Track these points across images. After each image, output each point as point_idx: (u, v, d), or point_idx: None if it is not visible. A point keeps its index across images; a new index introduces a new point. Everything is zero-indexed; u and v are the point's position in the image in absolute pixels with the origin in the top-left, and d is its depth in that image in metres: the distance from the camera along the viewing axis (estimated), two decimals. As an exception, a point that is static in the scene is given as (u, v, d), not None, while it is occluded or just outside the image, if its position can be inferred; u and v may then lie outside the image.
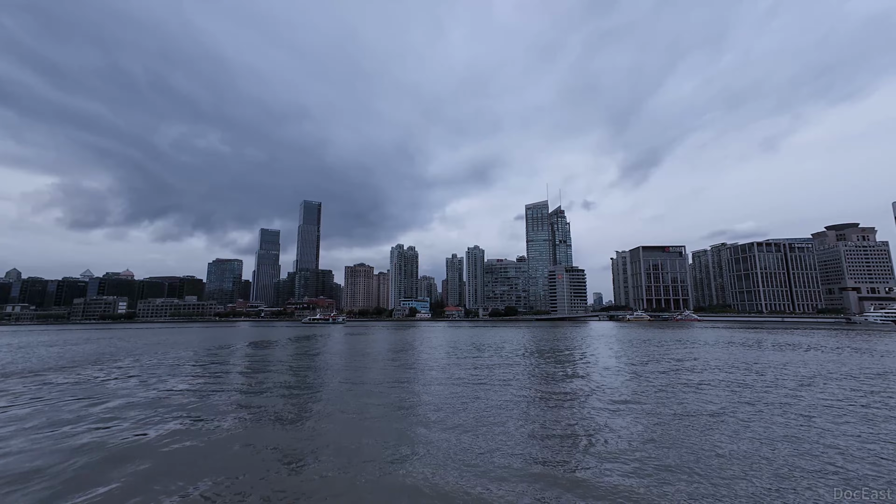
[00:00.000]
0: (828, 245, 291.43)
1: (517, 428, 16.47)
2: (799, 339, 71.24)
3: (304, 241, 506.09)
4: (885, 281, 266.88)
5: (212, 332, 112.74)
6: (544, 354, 47.34)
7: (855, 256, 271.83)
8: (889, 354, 46.74)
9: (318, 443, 14.97)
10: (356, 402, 21.31)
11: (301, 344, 65.41)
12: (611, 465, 12.49)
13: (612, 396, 22.76)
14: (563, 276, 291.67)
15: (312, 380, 28.98)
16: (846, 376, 30.25)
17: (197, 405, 21.22)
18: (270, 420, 18.34)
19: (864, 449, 13.98)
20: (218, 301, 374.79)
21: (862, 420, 17.71)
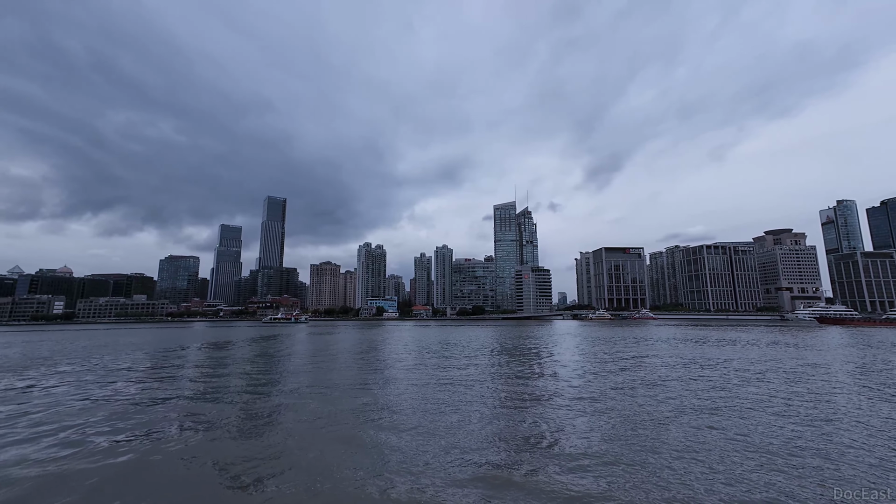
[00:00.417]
0: (766, 248, 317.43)
1: (481, 428, 16.28)
2: (740, 336, 77.14)
3: (268, 238, 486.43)
4: (812, 282, 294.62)
5: (163, 332, 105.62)
6: (510, 353, 48.23)
7: (788, 259, 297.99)
8: (810, 348, 51.89)
9: (272, 456, 13.64)
10: (317, 408, 20.18)
11: (261, 345, 62.72)
12: (570, 466, 12.60)
13: (573, 395, 23.45)
14: (529, 276, 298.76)
15: (271, 384, 27.43)
16: (778, 370, 33.09)
17: (135, 416, 19.26)
18: (220, 431, 16.81)
19: (796, 433, 15.36)
20: (171, 300, 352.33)
21: (785, 408, 19.44)
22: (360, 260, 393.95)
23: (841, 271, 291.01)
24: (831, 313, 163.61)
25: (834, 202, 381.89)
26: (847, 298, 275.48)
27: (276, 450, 14.33)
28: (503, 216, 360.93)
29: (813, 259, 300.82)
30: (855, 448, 14.35)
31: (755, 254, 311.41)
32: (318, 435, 15.93)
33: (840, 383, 27.53)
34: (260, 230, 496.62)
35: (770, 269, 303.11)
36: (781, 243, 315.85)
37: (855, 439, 15.29)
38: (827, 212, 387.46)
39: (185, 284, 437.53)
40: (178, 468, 13.02)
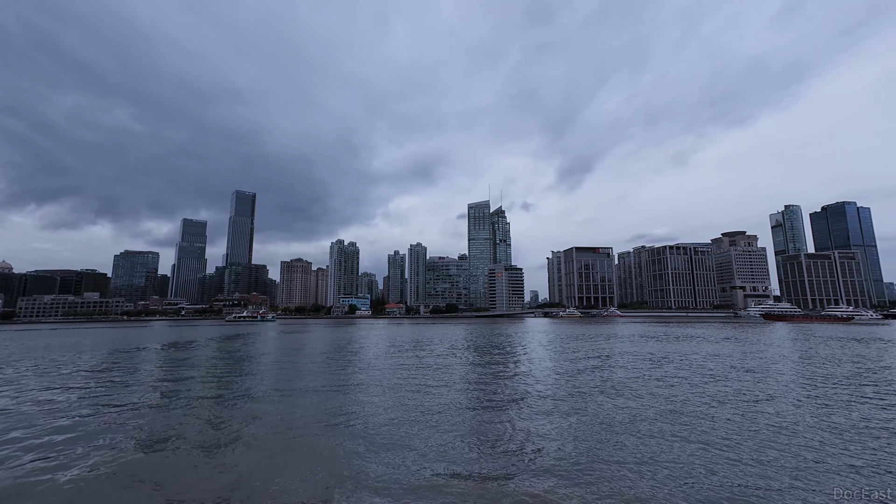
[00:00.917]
0: (723, 249, 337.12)
1: (455, 438, 15.21)
2: (697, 332, 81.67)
3: (236, 234, 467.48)
4: (763, 281, 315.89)
5: (117, 332, 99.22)
6: (483, 351, 48.78)
7: (742, 260, 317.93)
8: (757, 343, 55.77)
9: (227, 480, 11.71)
10: (282, 416, 18.67)
11: (225, 345, 60.22)
12: (540, 470, 12.29)
13: (542, 394, 23.74)
14: (502, 275, 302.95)
15: (232, 388, 25.84)
16: (726, 363, 35.32)
17: (72, 429, 16.93)
18: (169, 445, 14.82)
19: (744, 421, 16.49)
20: (127, 298, 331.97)
21: (738, 398, 20.85)
22: (332, 257, 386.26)
23: (787, 271, 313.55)
24: (776, 310, 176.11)
25: (782, 207, 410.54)
26: (792, 296, 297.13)
27: (233, 470, 12.41)
28: (477, 215, 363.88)
29: (763, 260, 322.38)
30: (795, 430, 15.59)
31: (713, 254, 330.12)
32: (283, 447, 14.47)
33: (778, 372, 29.73)
34: (227, 225, 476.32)
35: (726, 269, 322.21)
36: (736, 245, 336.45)
37: (795, 423, 16.60)
38: (776, 216, 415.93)
39: (143, 282, 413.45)
40: (109, 494, 11.07)
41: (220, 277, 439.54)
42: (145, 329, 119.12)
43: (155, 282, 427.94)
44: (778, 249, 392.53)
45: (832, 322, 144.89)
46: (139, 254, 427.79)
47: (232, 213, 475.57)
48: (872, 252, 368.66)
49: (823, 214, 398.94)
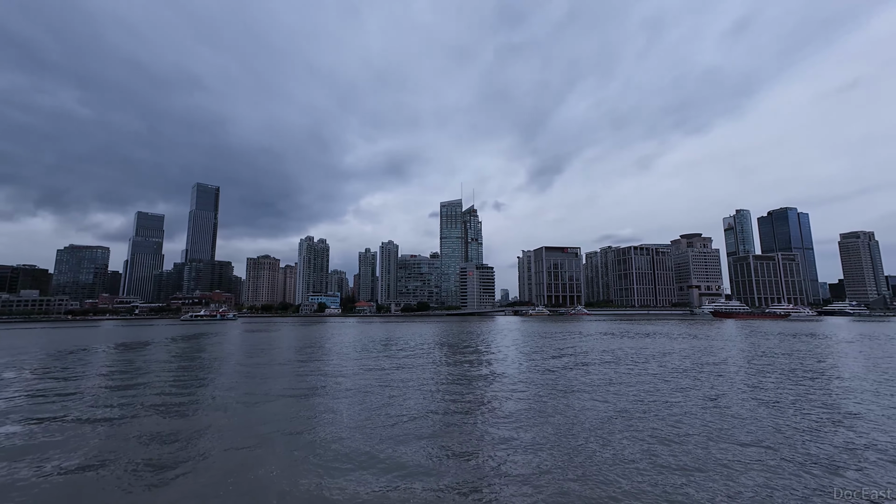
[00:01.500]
0: (681, 250, 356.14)
1: (425, 449, 14.31)
2: (657, 329, 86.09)
3: (198, 229, 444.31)
4: (716, 280, 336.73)
5: (60, 333, 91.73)
6: (453, 351, 49.01)
7: (698, 261, 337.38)
8: (706, 338, 59.66)
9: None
10: (236, 427, 17.03)
11: (184, 345, 57.15)
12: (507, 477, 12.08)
13: (509, 395, 24.18)
14: (473, 273, 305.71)
15: (183, 395, 23.93)
16: (679, 356, 37.50)
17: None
18: (104, 468, 12.72)
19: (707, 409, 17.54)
20: (72, 297, 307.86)
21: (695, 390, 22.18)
22: (301, 254, 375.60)
23: (737, 271, 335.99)
24: (723, 308, 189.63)
25: (734, 211, 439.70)
26: (742, 295, 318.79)
27: (172, 494, 11.17)
28: (449, 213, 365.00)
29: (717, 261, 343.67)
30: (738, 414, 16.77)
31: (672, 255, 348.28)
32: (234, 466, 12.87)
33: (724, 367, 31.91)
34: (188, 220, 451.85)
35: (683, 269, 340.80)
36: (693, 246, 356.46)
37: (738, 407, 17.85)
38: (728, 219, 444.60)
39: (91, 279, 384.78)
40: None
41: (178, 274, 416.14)
42: (94, 329, 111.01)
43: (105, 279, 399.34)
44: (730, 251, 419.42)
45: (772, 318, 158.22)
46: (86, 248, 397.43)
47: (193, 206, 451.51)
48: (810, 254, 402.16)
49: (769, 219, 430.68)
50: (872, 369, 31.71)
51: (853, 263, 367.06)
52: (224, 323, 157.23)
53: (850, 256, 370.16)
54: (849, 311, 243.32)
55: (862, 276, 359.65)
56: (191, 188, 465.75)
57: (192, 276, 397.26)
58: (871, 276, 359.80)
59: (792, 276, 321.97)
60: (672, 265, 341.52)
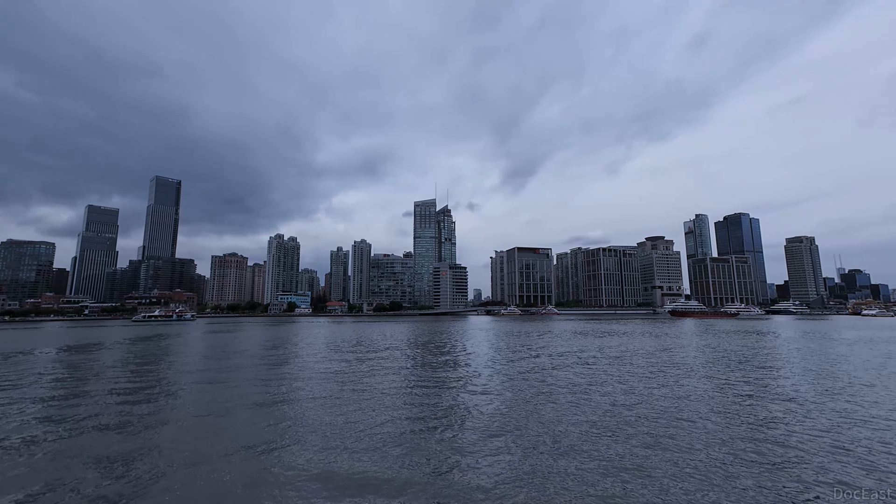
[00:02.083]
0: (646, 252, 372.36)
1: (397, 462, 13.55)
2: (621, 328, 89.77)
3: (156, 225, 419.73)
4: (677, 281, 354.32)
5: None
6: (426, 351, 49.04)
7: (661, 262, 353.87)
8: (663, 336, 62.91)
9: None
10: (190, 445, 15.27)
11: (137, 348, 53.91)
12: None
13: (482, 399, 24.48)
14: (447, 273, 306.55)
15: (137, 406, 21.96)
16: (638, 352, 39.40)
17: None
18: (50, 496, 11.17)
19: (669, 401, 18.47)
20: (10, 296, 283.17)
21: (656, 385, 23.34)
22: (270, 252, 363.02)
23: (696, 273, 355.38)
24: (680, 308, 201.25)
25: (694, 215, 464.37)
26: (700, 295, 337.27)
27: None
28: (423, 213, 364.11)
29: (678, 263, 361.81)
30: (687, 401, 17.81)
31: (638, 257, 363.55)
32: (199, 487, 11.79)
33: (671, 356, 33.84)
34: (145, 215, 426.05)
35: (648, 270, 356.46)
36: (657, 248, 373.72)
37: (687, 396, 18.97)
38: (689, 223, 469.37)
39: (34, 276, 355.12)
40: None
41: (134, 273, 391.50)
42: (36, 331, 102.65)
43: (49, 277, 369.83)
44: (690, 253, 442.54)
45: (724, 317, 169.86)
46: (27, 244, 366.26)
47: (151, 201, 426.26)
48: (760, 257, 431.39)
49: (725, 224, 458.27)
50: (806, 359, 34.65)
51: (797, 266, 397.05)
52: (183, 324, 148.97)
53: (794, 259, 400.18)
54: (792, 310, 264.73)
55: (804, 278, 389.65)
56: (149, 181, 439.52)
57: (150, 274, 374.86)
58: (812, 278, 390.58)
59: (744, 277, 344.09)
60: (638, 266, 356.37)
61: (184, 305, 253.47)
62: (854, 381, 25.94)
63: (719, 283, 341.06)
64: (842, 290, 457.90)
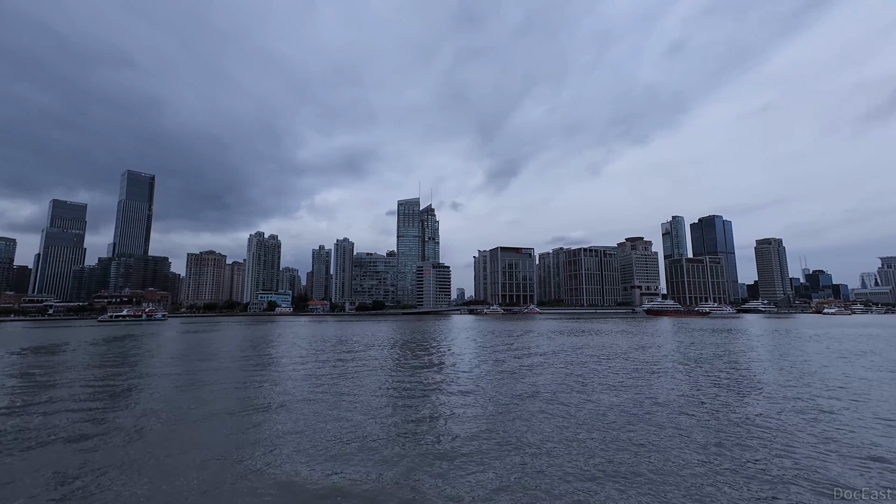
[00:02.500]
0: (625, 253, 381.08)
1: (369, 469, 12.77)
2: (600, 327, 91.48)
3: (128, 221, 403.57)
4: (655, 281, 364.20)
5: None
6: (408, 351, 48.57)
7: (640, 262, 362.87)
8: (637, 334, 64.55)
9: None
10: (158, 449, 14.40)
11: (101, 350, 51.42)
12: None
13: (466, 395, 24.35)
14: (430, 272, 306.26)
15: (98, 414, 20.70)
16: (620, 353, 40.15)
17: None
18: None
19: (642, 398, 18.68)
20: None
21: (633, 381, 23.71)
22: (250, 250, 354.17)
23: (673, 273, 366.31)
24: (655, 307, 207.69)
25: (671, 217, 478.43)
26: (676, 294, 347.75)
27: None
28: (407, 212, 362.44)
29: (656, 263, 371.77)
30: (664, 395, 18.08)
31: (618, 257, 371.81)
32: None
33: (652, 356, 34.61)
34: (116, 210, 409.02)
35: (627, 270, 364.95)
36: (636, 249, 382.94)
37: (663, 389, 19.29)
38: (666, 224, 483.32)
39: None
40: None
41: (104, 271, 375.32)
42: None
43: (10, 274, 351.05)
44: (667, 254, 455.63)
45: (696, 316, 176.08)
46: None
47: (123, 196, 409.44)
48: (732, 258, 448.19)
49: (700, 225, 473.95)
50: (772, 354, 36.01)
51: (765, 267, 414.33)
52: (156, 324, 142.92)
53: (763, 260, 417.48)
54: (761, 308, 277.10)
55: (772, 278, 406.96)
56: (120, 176, 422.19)
57: (121, 272, 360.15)
58: (779, 278, 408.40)
59: (717, 277, 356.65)
60: (618, 266, 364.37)
61: (156, 305, 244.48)
62: (809, 374, 27.10)
63: (694, 282, 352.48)
64: (806, 289, 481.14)
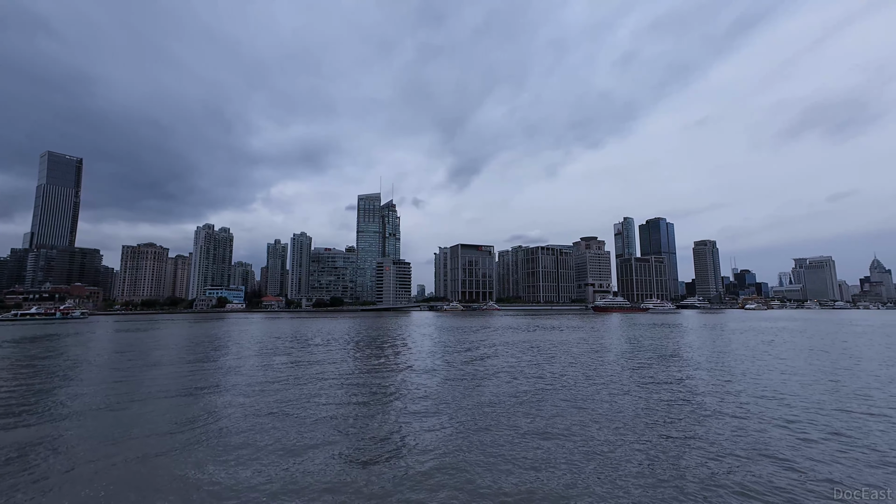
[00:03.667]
0: (580, 251, 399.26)
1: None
2: (554, 323, 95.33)
3: (49, 208, 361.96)
4: (607, 279, 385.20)
5: None
6: (365, 348, 47.77)
7: (593, 261, 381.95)
8: (587, 329, 68.27)
9: None
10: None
11: (14, 351, 45.89)
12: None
13: (421, 393, 24.33)
14: (390, 269, 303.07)
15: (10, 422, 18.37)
16: (570, 346, 42.13)
17: None
18: None
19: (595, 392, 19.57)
20: None
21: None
22: (197, 244, 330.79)
23: (623, 271, 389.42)
24: (601, 304, 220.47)
25: (622, 218, 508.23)
26: (626, 291, 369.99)
27: None
28: (367, 207, 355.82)
29: (608, 262, 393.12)
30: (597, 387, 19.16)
31: (573, 255, 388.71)
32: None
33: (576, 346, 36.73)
34: (35, 196, 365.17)
35: (582, 268, 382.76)
36: (590, 248, 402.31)
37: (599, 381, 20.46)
38: (618, 225, 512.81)
39: None
40: None
41: (19, 263, 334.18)
42: None
43: None
44: (618, 253, 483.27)
45: (639, 312, 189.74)
46: None
47: (42, 180, 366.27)
48: (673, 258, 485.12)
49: (647, 227, 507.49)
50: (703, 343, 39.55)
51: (702, 266, 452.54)
52: (75, 323, 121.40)
53: (700, 260, 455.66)
54: (697, 304, 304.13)
55: (707, 277, 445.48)
56: (39, 157, 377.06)
57: (41, 265, 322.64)
58: (713, 277, 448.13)
59: (661, 275, 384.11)
60: (573, 265, 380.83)
61: (83, 301, 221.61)
62: (729, 361, 30.19)
63: (642, 280, 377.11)
64: (735, 287, 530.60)
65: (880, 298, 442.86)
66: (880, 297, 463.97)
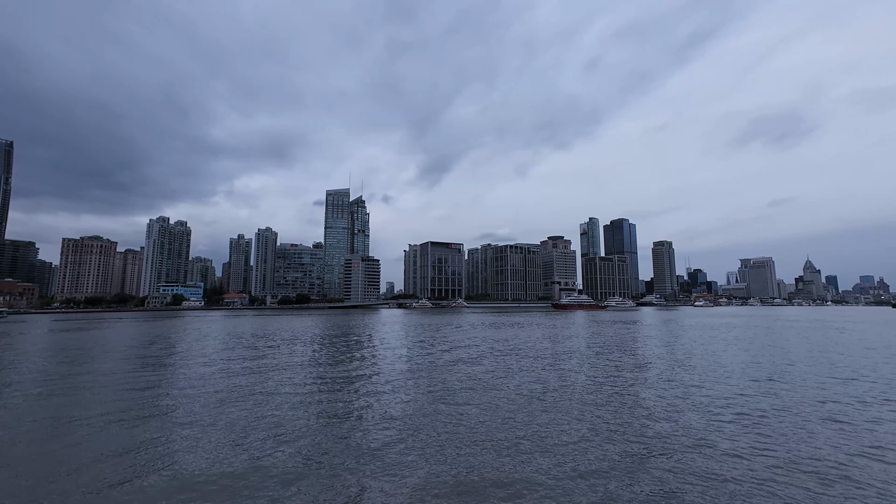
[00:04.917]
0: (547, 250, 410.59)
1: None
2: (519, 320, 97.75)
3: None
4: (573, 277, 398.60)
5: None
6: (330, 348, 47.00)
7: (560, 260, 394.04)
8: (558, 326, 70.69)
9: None
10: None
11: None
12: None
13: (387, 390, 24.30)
14: (359, 265, 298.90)
15: None
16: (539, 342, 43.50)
17: None
18: None
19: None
20: None
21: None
22: (150, 237, 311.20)
23: (588, 270, 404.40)
24: (563, 302, 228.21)
25: (587, 218, 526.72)
26: (591, 289, 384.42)
27: None
28: (336, 203, 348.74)
29: (574, 260, 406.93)
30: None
31: (541, 254, 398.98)
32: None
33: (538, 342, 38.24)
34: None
35: (549, 267, 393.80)
36: (556, 247, 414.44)
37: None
38: (583, 225, 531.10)
39: None
40: None
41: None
42: None
43: None
44: (584, 252, 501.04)
45: (600, 309, 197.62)
46: None
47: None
48: (635, 257, 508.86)
49: (611, 227, 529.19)
50: (659, 335, 42.10)
51: (660, 265, 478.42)
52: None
53: (658, 260, 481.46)
54: (654, 302, 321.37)
55: (664, 275, 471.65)
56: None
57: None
58: (670, 276, 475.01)
59: (623, 274, 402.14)
60: (540, 263, 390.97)
61: (3, 298, 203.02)
62: (684, 354, 32.45)
63: (605, 279, 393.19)
64: (689, 285, 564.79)
65: (811, 296, 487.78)
66: (811, 294, 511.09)
